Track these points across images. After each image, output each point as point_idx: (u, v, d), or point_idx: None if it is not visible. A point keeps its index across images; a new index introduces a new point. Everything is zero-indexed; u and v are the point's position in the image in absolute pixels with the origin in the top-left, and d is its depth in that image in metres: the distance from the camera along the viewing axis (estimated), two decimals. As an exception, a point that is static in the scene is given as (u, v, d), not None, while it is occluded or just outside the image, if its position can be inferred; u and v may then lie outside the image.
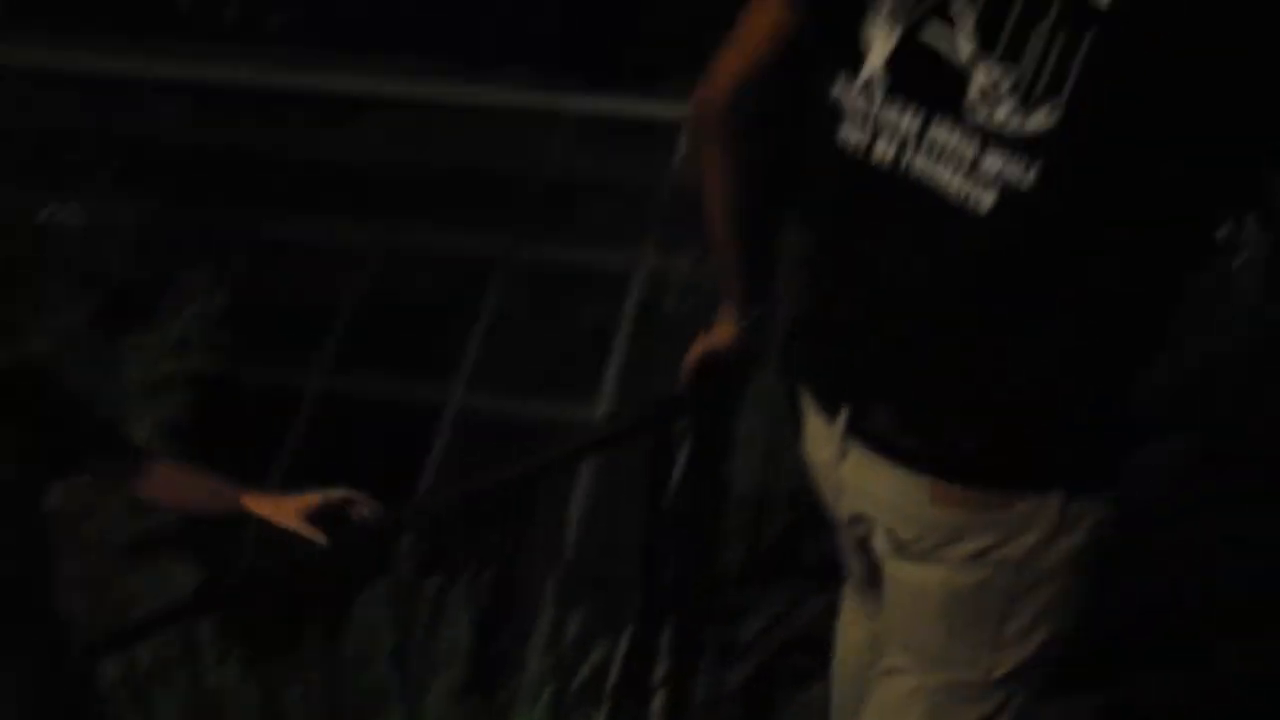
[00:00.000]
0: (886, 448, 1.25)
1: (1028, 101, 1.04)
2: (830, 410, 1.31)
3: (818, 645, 1.88)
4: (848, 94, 1.19)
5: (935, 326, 1.18)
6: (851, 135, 1.20)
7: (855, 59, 1.16)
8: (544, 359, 5.28)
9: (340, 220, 6.11)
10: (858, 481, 1.30)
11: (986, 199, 1.09)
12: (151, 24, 6.46)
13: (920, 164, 1.14)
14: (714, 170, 1.34)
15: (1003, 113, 1.07)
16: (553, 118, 6.43)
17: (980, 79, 1.07)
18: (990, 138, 1.08)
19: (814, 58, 1.21)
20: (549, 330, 5.49)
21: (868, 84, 1.16)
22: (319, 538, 1.69)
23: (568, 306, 5.59)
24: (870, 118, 1.17)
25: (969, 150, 1.10)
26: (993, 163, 1.08)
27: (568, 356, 5.29)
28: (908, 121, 1.14)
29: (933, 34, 1.10)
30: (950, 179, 1.12)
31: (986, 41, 1.06)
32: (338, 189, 6.10)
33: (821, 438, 1.35)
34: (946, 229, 1.13)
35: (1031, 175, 1.06)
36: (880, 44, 1.13)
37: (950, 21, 1.08)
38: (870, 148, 1.18)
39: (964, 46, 1.08)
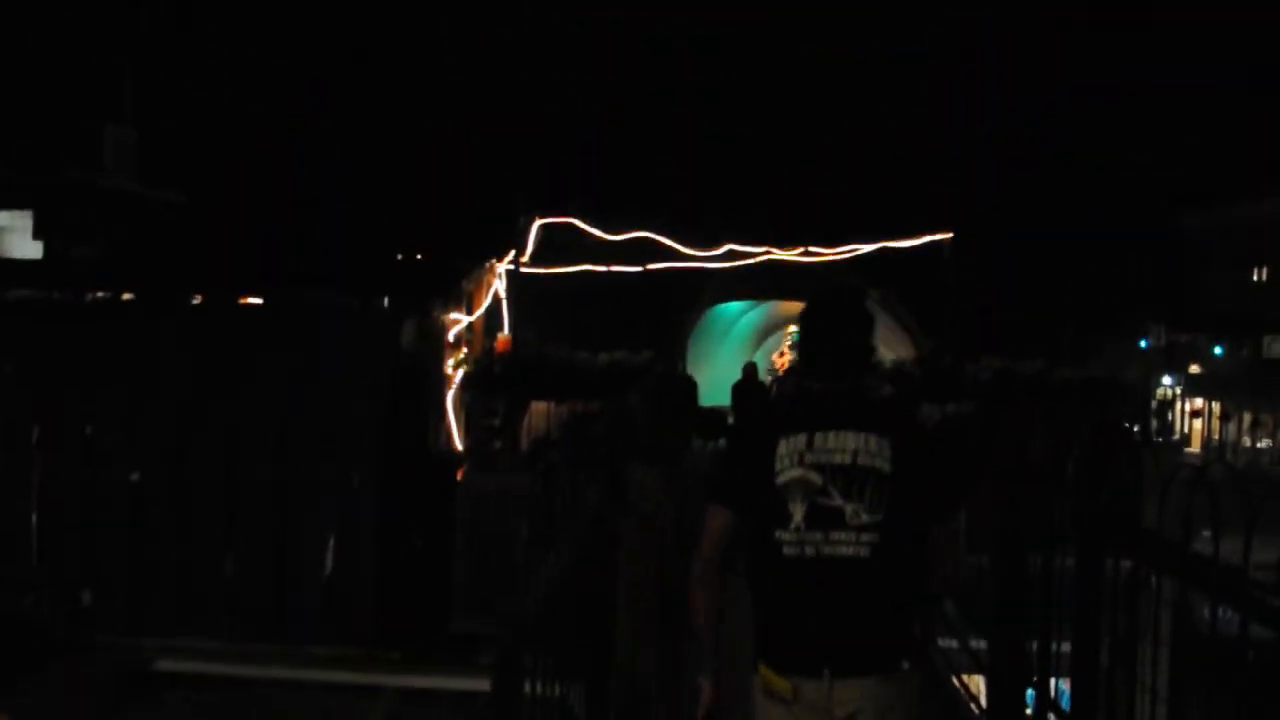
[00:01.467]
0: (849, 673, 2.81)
1: (870, 513, 2.76)
2: (816, 672, 2.79)
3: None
4: (784, 533, 2.77)
5: (859, 616, 2.81)
6: (792, 550, 2.77)
7: (786, 518, 2.78)
8: None
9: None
10: (844, 696, 2.78)
11: (864, 551, 2.75)
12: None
13: (828, 551, 2.77)
14: (706, 593, 2.92)
15: (861, 520, 2.75)
16: (372, 691, 6.51)
17: (849, 510, 2.76)
18: (859, 530, 2.75)
19: (757, 526, 2.85)
20: None
21: (797, 527, 2.77)
22: None
23: None
24: (800, 541, 2.76)
25: (850, 537, 2.77)
26: (862, 539, 2.75)
27: None
28: (818, 536, 2.77)
29: (822, 499, 2.78)
30: (846, 550, 2.76)
31: (847, 496, 2.77)
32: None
33: (810, 688, 2.79)
34: (849, 572, 2.77)
35: (876, 538, 2.76)
36: (798, 511, 2.78)
37: (829, 494, 2.78)
38: (803, 553, 2.77)
39: (838, 500, 2.77)
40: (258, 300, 8.31)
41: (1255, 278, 40.97)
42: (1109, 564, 3.13)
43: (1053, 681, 3.73)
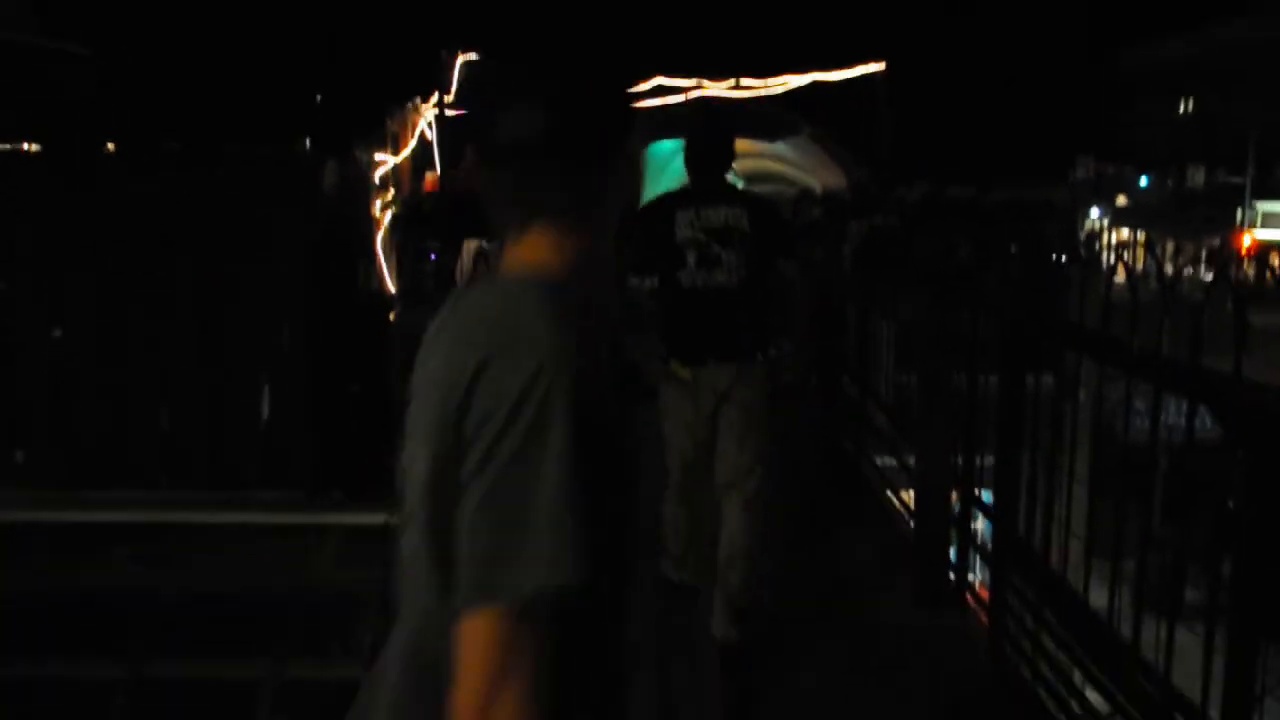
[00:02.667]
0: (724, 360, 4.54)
1: (736, 257, 4.45)
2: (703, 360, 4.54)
3: None
4: (683, 273, 4.47)
5: (730, 324, 4.50)
6: (687, 283, 4.48)
7: (683, 263, 4.47)
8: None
9: (90, 655, 5.81)
10: (720, 374, 4.50)
11: (733, 282, 4.46)
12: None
13: (711, 282, 4.44)
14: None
15: (731, 261, 4.45)
16: (318, 532, 6.58)
17: (724, 256, 4.44)
18: (729, 269, 4.48)
19: (664, 270, 4.54)
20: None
21: (690, 269, 4.45)
22: None
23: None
24: (693, 277, 4.46)
25: (724, 274, 4.46)
26: (732, 274, 4.47)
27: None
28: (704, 274, 4.46)
29: (706, 250, 4.42)
30: (721, 280, 4.45)
31: (722, 246, 4.45)
32: (87, 623, 5.85)
33: (700, 372, 4.52)
34: (724, 296, 4.46)
35: (742, 273, 4.46)
36: (691, 257, 4.42)
37: (709, 246, 4.42)
38: (695, 284, 4.47)
39: (716, 249, 4.41)
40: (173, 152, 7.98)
41: (1180, 110, 41.29)
42: (1029, 374, 3.20)
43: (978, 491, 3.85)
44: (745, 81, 15.55)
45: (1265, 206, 36.46)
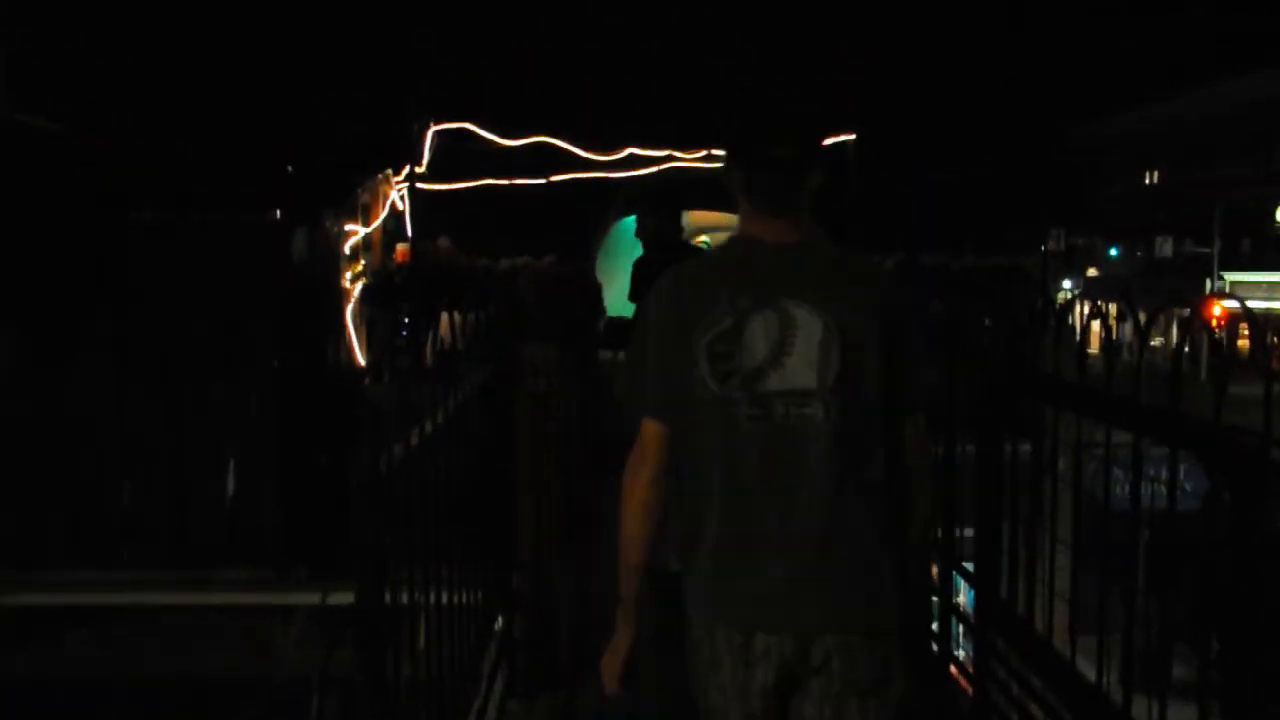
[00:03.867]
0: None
1: None
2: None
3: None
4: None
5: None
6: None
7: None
8: None
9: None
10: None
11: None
12: None
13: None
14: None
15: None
16: (285, 610, 6.39)
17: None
18: None
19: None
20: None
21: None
22: None
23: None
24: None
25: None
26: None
27: None
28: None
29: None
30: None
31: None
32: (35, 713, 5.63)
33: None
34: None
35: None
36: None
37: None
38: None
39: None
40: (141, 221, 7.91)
41: (1146, 181, 42.16)
42: (1007, 444, 3.13)
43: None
44: (716, 152, 15.71)
45: (1233, 276, 37.05)
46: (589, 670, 2.95)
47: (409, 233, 10.93)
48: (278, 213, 8.03)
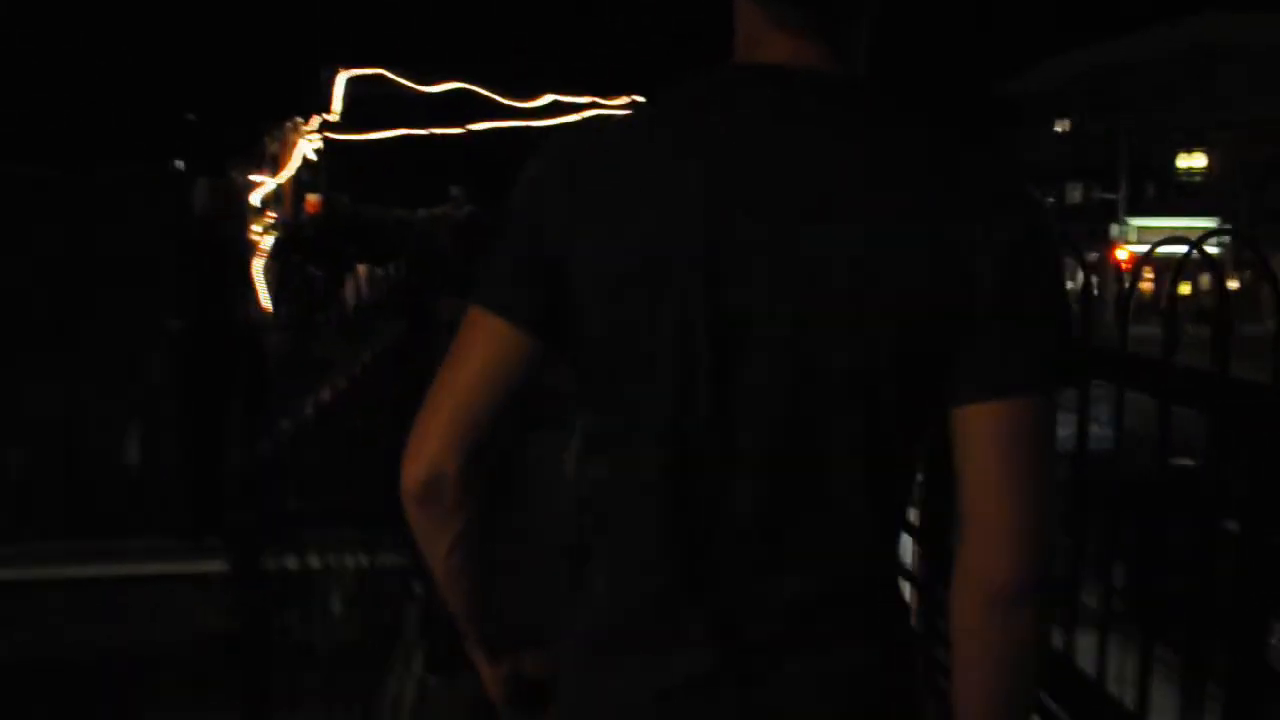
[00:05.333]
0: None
1: None
2: None
3: None
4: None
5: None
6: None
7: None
8: None
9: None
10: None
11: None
12: None
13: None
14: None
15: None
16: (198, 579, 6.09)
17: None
18: None
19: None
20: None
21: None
22: None
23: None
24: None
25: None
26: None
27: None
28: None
29: None
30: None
31: None
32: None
33: None
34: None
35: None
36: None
37: None
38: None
39: None
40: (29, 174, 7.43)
41: (1057, 129, 42.93)
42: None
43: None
44: (639, 98, 15.43)
45: (1138, 222, 37.98)
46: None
47: (328, 183, 10.49)
48: (179, 164, 7.58)
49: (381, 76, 13.33)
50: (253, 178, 8.66)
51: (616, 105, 15.04)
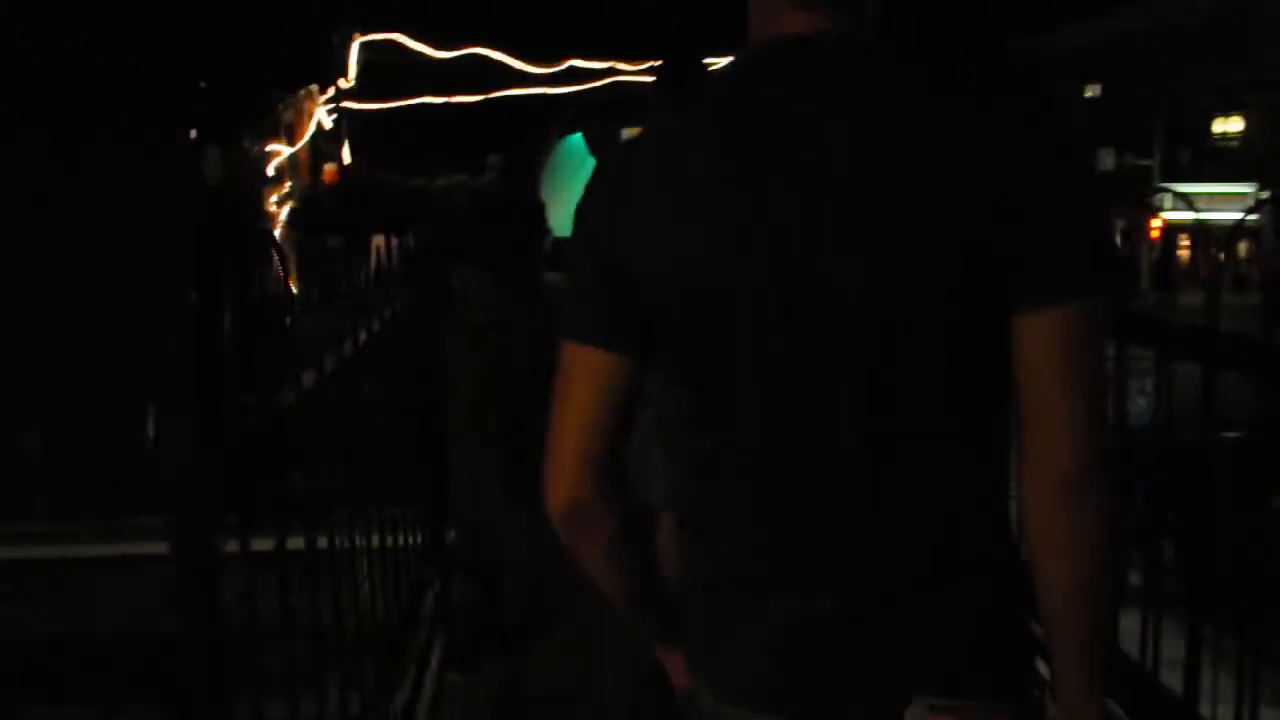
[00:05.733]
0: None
1: None
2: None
3: None
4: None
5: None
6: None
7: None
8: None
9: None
10: None
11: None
12: None
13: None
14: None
15: None
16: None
17: None
18: None
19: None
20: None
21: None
22: None
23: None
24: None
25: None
26: None
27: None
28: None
29: None
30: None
31: None
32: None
33: None
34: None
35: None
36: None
37: None
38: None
39: None
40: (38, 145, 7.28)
41: (1086, 94, 42.31)
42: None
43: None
44: (658, 63, 15.07)
45: (1177, 188, 37.42)
46: (539, 637, 2.58)
47: (347, 153, 10.27)
48: (191, 133, 7.42)
49: (396, 42, 13.07)
50: (269, 147, 8.49)
51: (636, 70, 14.76)
